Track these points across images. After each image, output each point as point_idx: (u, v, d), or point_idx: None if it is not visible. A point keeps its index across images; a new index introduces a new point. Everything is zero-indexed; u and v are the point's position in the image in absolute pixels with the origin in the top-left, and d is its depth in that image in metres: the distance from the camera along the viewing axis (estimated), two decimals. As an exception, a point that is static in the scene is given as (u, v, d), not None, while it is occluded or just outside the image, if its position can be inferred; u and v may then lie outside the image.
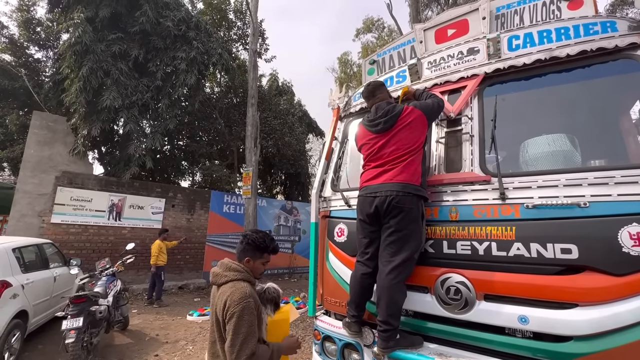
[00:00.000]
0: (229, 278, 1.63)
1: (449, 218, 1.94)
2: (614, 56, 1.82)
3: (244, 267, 1.69)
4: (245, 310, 1.50)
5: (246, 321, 1.49)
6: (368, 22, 18.45)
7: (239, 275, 1.64)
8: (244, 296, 1.53)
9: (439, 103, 2.08)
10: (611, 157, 1.92)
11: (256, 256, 1.71)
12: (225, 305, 1.52)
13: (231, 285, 1.59)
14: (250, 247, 1.70)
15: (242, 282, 1.62)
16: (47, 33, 10.67)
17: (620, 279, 1.42)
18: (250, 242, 1.70)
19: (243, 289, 1.56)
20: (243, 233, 1.75)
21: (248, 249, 1.70)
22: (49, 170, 7.94)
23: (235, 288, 1.57)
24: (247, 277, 1.67)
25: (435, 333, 1.89)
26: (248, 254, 1.70)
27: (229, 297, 1.53)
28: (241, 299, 1.52)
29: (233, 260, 1.74)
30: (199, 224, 10.20)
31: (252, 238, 1.71)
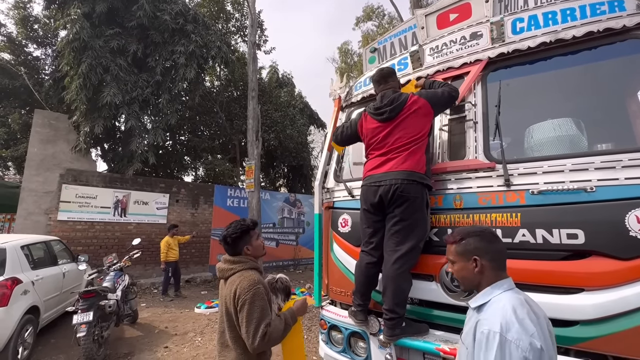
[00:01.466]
0: (235, 269, 1.66)
1: (453, 206, 1.94)
2: (621, 36, 1.77)
3: (246, 257, 1.71)
4: (256, 296, 1.54)
5: (258, 306, 1.53)
6: (368, 10, 18.13)
7: (245, 265, 1.67)
8: (253, 283, 1.56)
9: (451, 92, 2.00)
10: (618, 140, 1.88)
11: (247, 240, 1.72)
12: (235, 295, 1.55)
13: (239, 274, 1.63)
14: (238, 238, 1.70)
15: (249, 270, 1.65)
16: (45, 30, 10.60)
17: (627, 262, 1.41)
18: (233, 234, 1.69)
19: (251, 277, 1.60)
20: (220, 239, 1.76)
21: (238, 241, 1.70)
22: (53, 168, 7.99)
23: (243, 277, 1.60)
24: (254, 265, 1.70)
25: (441, 320, 1.90)
26: (242, 244, 1.71)
27: (239, 285, 1.56)
28: (250, 285, 1.55)
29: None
30: (204, 218, 10.26)
31: (231, 232, 1.70)
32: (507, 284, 1.10)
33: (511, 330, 0.94)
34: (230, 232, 1.71)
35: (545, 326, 1.00)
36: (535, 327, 0.95)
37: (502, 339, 0.94)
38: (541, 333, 0.95)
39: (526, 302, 1.04)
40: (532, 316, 0.98)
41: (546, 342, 0.94)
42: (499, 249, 1.13)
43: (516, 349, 0.91)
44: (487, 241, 1.13)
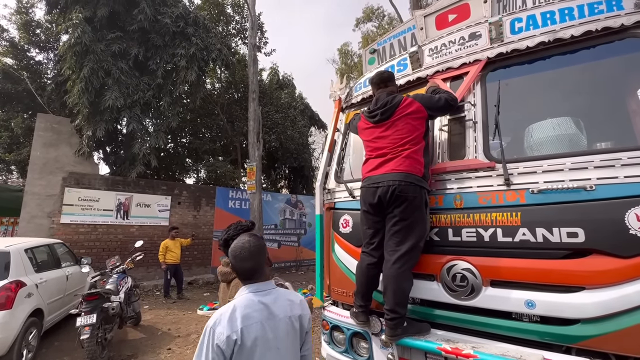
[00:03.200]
0: None
1: (453, 206, 1.94)
2: (620, 35, 1.78)
3: None
4: None
5: None
6: (368, 11, 18.17)
7: None
8: None
9: (447, 99, 2.00)
10: (618, 139, 1.88)
11: None
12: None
13: None
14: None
15: None
16: (47, 35, 10.68)
17: (627, 260, 1.41)
18: (235, 236, 1.61)
19: None
20: (220, 243, 1.68)
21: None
22: (56, 171, 8.04)
23: None
24: None
25: (442, 320, 1.90)
26: None
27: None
28: None
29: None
30: (206, 220, 10.29)
31: (232, 234, 1.63)
32: (251, 289, 1.29)
33: (220, 324, 1.15)
34: (231, 234, 1.66)
35: (266, 326, 1.19)
36: (243, 324, 1.15)
37: (209, 329, 1.15)
38: (250, 331, 1.15)
39: (257, 304, 1.23)
40: (248, 315, 1.18)
41: (253, 340, 1.15)
42: (241, 267, 1.30)
43: (212, 337, 1.13)
44: (233, 261, 1.32)
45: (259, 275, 1.32)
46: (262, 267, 1.33)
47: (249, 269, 1.30)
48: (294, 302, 1.33)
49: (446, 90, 2.14)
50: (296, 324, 1.28)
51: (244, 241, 1.34)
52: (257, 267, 1.31)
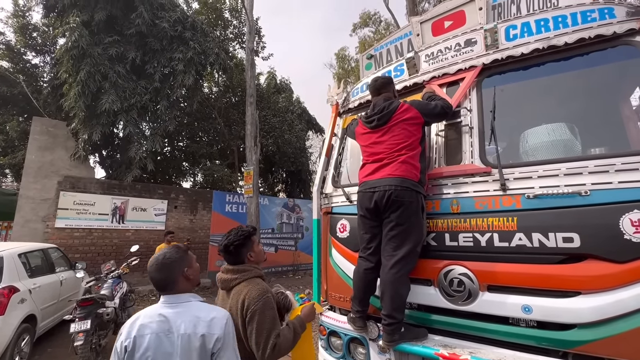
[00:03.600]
0: (240, 279, 1.60)
1: (450, 210, 1.95)
2: (612, 43, 1.81)
3: (250, 265, 1.67)
4: (266, 305, 1.50)
5: (268, 316, 1.49)
6: (365, 16, 18.31)
7: (251, 273, 1.62)
8: (263, 292, 1.52)
9: (443, 106, 2.03)
10: (612, 144, 1.91)
11: (250, 246, 1.68)
12: (244, 305, 1.49)
13: (246, 284, 1.57)
14: (241, 245, 1.65)
15: (255, 279, 1.61)
16: (44, 38, 10.65)
17: (622, 265, 1.42)
18: (236, 241, 1.65)
19: (259, 285, 1.55)
20: (220, 248, 1.70)
21: (241, 248, 1.65)
22: (51, 175, 7.97)
23: (251, 285, 1.55)
24: (258, 273, 1.66)
25: (440, 325, 1.90)
26: (245, 251, 1.66)
27: (247, 295, 1.51)
28: (260, 295, 1.50)
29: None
30: (202, 224, 10.24)
31: (233, 239, 1.65)
32: (161, 300, 1.33)
33: (124, 329, 1.25)
34: (232, 240, 1.64)
35: (164, 340, 1.21)
36: (137, 333, 1.21)
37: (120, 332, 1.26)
38: (142, 341, 1.19)
39: (158, 316, 1.25)
40: (145, 325, 1.23)
41: (144, 350, 1.18)
42: (151, 278, 1.34)
43: (117, 340, 1.24)
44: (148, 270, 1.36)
45: (171, 288, 1.32)
46: (173, 280, 1.32)
47: (157, 280, 1.32)
48: (202, 319, 1.25)
49: (442, 97, 2.16)
50: (196, 343, 1.21)
51: (160, 253, 1.36)
52: (166, 280, 1.31)
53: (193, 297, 1.36)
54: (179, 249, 1.40)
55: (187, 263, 1.38)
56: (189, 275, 1.37)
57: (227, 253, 1.67)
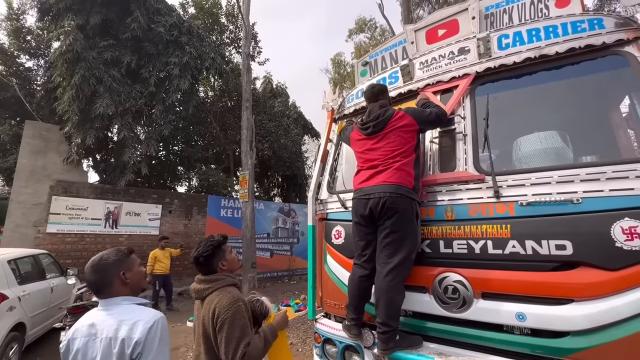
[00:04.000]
0: (213, 288, 1.58)
1: (444, 217, 1.96)
2: (602, 53, 1.84)
3: (223, 274, 1.65)
4: (237, 314, 1.48)
5: (238, 325, 1.47)
6: (360, 22, 18.48)
7: (223, 282, 1.61)
8: (234, 300, 1.51)
9: (437, 113, 2.04)
10: (602, 152, 1.94)
11: (221, 255, 1.67)
12: (214, 314, 1.48)
13: (218, 292, 1.56)
14: (210, 255, 1.64)
15: (228, 287, 1.59)
16: (38, 41, 10.58)
17: (614, 273, 1.44)
18: (205, 253, 1.64)
19: (231, 294, 1.54)
20: (192, 258, 1.69)
21: (211, 259, 1.64)
22: (43, 179, 7.87)
23: (222, 294, 1.54)
24: (232, 282, 1.64)
25: (435, 332, 1.89)
26: (216, 260, 1.65)
27: (218, 304, 1.50)
28: (230, 304, 1.49)
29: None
30: (197, 229, 10.15)
31: (202, 251, 1.64)
32: (98, 304, 1.30)
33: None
34: (201, 252, 1.64)
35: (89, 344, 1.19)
36: (71, 336, 1.21)
37: None
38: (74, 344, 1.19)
39: (89, 320, 1.24)
40: (78, 329, 1.22)
41: (74, 353, 1.19)
42: (86, 279, 1.32)
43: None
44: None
45: (105, 291, 1.27)
46: (107, 283, 1.27)
47: (90, 282, 1.28)
48: (125, 322, 1.19)
49: (436, 104, 2.17)
50: (115, 348, 1.16)
51: (98, 254, 1.31)
52: (100, 282, 1.27)
53: (127, 299, 1.29)
54: (120, 251, 1.34)
55: (126, 266, 1.31)
56: (127, 279, 1.30)
57: (197, 265, 1.66)
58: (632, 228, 1.42)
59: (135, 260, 1.39)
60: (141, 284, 1.39)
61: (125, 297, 1.29)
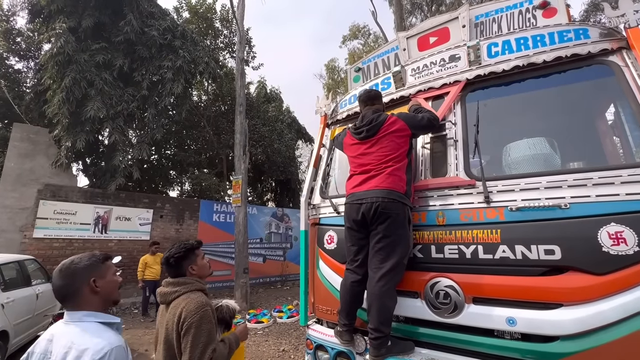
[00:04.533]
0: (180, 292, 1.55)
1: (436, 222, 1.97)
2: (587, 62, 1.89)
3: (191, 278, 1.63)
4: (204, 319, 1.45)
5: (205, 329, 1.44)
6: (354, 29, 18.72)
7: (191, 286, 1.58)
8: (201, 305, 1.48)
9: (429, 118, 2.05)
10: (589, 159, 1.98)
11: (193, 259, 1.66)
12: (180, 318, 1.45)
13: (184, 297, 1.53)
14: (182, 257, 1.63)
15: (195, 292, 1.57)
16: (28, 43, 10.44)
17: (601, 277, 1.45)
18: (177, 254, 1.63)
19: (198, 299, 1.51)
20: (163, 259, 1.68)
21: (182, 261, 1.63)
22: (31, 183, 7.70)
23: (190, 299, 1.51)
24: (200, 287, 1.62)
25: (427, 338, 1.89)
26: (187, 263, 1.64)
27: (184, 308, 1.46)
28: (198, 308, 1.46)
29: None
30: (189, 234, 10.02)
31: (174, 252, 1.64)
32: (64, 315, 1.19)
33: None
34: (173, 252, 1.63)
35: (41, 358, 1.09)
36: (32, 349, 1.13)
37: None
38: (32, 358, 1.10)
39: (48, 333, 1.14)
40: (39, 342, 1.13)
41: None
42: (52, 284, 1.20)
43: None
44: None
45: (71, 300, 1.13)
46: (74, 290, 1.13)
47: (56, 288, 1.14)
48: (74, 347, 1.04)
49: (428, 109, 2.20)
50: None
51: (69, 259, 1.20)
52: (67, 288, 1.13)
53: (90, 315, 1.13)
54: (93, 256, 1.21)
55: (98, 273, 1.18)
56: (97, 287, 1.16)
57: (168, 266, 1.65)
58: (618, 233, 1.44)
59: (111, 267, 1.26)
60: (113, 295, 1.25)
61: (90, 312, 1.14)
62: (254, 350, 4.96)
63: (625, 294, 1.39)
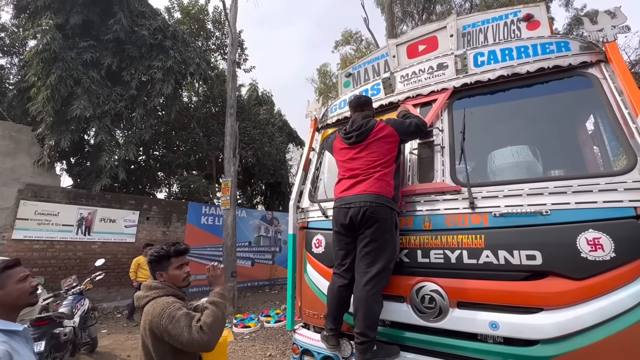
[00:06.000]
0: (150, 297, 1.53)
1: (422, 227, 1.99)
2: (568, 73, 1.96)
3: (162, 282, 1.61)
4: (172, 312, 1.41)
5: (178, 317, 1.40)
6: (346, 34, 18.90)
7: (160, 292, 1.55)
8: (165, 305, 1.45)
9: (417, 124, 2.08)
10: (570, 167, 2.04)
11: (164, 266, 1.62)
12: (149, 326, 1.43)
13: (151, 303, 1.50)
14: (154, 263, 1.63)
15: (162, 297, 1.53)
16: (12, 39, 10.15)
17: (580, 282, 1.50)
18: (151, 257, 1.64)
19: (163, 301, 1.48)
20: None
21: (154, 266, 1.63)
22: (11, 182, 7.45)
23: (156, 303, 1.48)
24: (170, 292, 1.58)
25: (412, 342, 1.90)
26: (156, 269, 1.63)
27: (151, 314, 1.45)
28: (162, 309, 1.43)
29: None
30: (176, 237, 9.84)
31: (150, 254, 1.65)
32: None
33: None
34: (150, 253, 1.65)
35: None
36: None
37: None
38: None
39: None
40: None
41: None
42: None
43: None
44: None
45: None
46: None
47: None
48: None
49: (416, 115, 2.23)
50: None
51: None
52: None
53: None
54: (10, 262, 1.18)
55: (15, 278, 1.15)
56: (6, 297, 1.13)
57: (148, 264, 1.68)
58: (596, 239, 1.49)
59: (12, 275, 1.21)
60: (19, 301, 1.21)
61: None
62: (240, 355, 4.89)
63: (601, 299, 1.43)
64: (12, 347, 1.10)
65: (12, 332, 1.15)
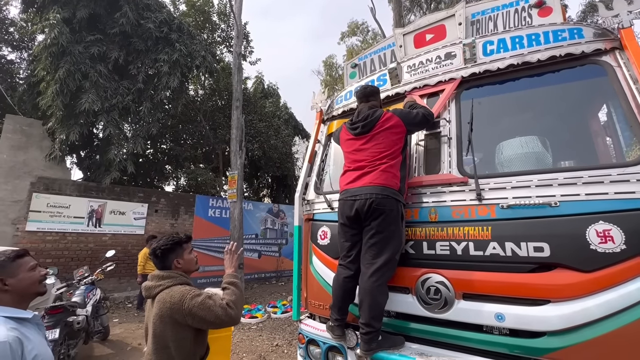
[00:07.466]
0: (164, 285, 1.56)
1: (428, 219, 1.98)
2: (581, 61, 1.90)
3: (176, 272, 1.64)
4: (195, 297, 1.49)
5: (202, 298, 1.49)
6: (353, 25, 18.63)
7: (175, 280, 1.59)
8: (185, 291, 1.51)
9: (424, 114, 2.05)
10: (580, 158, 2.00)
11: (179, 253, 1.67)
12: (169, 311, 1.47)
13: (167, 291, 1.53)
14: (169, 250, 1.65)
15: (177, 285, 1.57)
16: (21, 34, 10.26)
17: (588, 275, 1.48)
18: (164, 247, 1.64)
19: (181, 289, 1.52)
20: (150, 251, 1.69)
21: (169, 253, 1.65)
22: (24, 176, 7.62)
23: (172, 292, 1.52)
24: (183, 281, 1.62)
25: (417, 333, 1.91)
26: (173, 256, 1.65)
27: (169, 302, 1.48)
28: (183, 294, 1.49)
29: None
30: (184, 229, 9.99)
31: (162, 243, 1.66)
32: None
33: None
34: (160, 244, 1.64)
35: None
36: None
37: None
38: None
39: None
40: None
41: None
42: None
43: None
44: None
45: None
46: None
47: None
48: None
49: (423, 105, 2.20)
50: None
51: None
52: None
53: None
54: (4, 254, 1.21)
55: (6, 272, 1.19)
56: (6, 287, 1.18)
57: (155, 257, 1.66)
58: (606, 231, 1.46)
59: (22, 265, 1.25)
60: (31, 290, 1.26)
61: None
62: (247, 344, 4.98)
63: (610, 291, 1.41)
64: (23, 333, 1.14)
65: (22, 319, 1.19)
